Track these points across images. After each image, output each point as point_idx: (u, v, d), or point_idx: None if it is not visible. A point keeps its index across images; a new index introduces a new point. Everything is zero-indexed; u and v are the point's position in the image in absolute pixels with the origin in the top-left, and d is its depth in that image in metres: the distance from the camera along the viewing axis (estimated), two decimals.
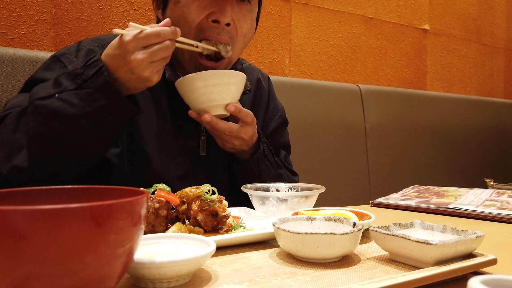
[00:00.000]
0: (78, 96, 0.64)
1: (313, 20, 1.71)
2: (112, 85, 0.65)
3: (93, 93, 0.64)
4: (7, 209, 0.29)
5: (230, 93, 0.76)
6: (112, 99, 0.65)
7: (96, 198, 0.42)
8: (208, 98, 0.75)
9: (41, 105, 0.65)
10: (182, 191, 0.60)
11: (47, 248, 0.30)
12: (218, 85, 0.74)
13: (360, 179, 1.60)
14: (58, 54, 0.81)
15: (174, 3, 0.79)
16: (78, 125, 0.65)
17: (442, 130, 1.91)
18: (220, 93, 0.75)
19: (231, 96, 0.77)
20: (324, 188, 0.75)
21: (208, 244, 0.45)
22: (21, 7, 1.14)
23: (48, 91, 0.66)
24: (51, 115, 0.64)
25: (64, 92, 0.65)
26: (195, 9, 0.77)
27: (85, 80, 0.65)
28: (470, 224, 0.81)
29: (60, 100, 0.64)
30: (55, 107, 0.64)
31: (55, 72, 0.77)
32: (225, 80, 0.75)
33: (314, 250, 0.47)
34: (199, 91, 0.75)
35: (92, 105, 0.65)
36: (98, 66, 0.65)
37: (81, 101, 0.64)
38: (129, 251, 0.35)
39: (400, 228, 0.54)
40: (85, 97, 0.64)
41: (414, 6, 2.03)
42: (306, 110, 1.47)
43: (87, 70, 0.65)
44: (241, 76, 0.78)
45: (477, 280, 0.30)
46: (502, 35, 2.44)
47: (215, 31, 0.78)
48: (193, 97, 0.76)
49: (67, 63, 0.78)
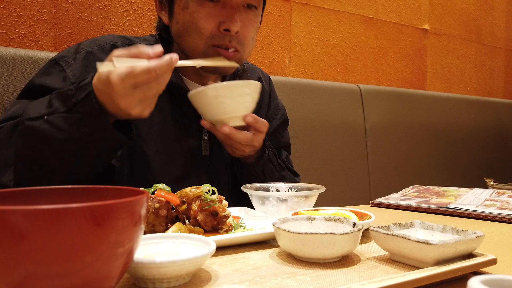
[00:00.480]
0: (66, 121, 0.63)
1: (313, 20, 1.71)
2: (100, 113, 0.62)
3: (81, 118, 0.63)
4: (7, 209, 0.29)
5: (246, 103, 0.76)
6: (99, 127, 0.63)
7: (96, 198, 0.42)
8: (224, 111, 0.74)
9: (30, 126, 0.64)
10: (182, 191, 0.60)
11: (47, 248, 0.30)
12: (234, 97, 0.74)
13: (360, 179, 1.60)
14: (57, 57, 0.81)
15: (182, 8, 0.79)
16: (64, 149, 0.64)
17: (442, 130, 1.91)
18: (237, 105, 0.75)
19: (246, 107, 0.76)
20: (324, 188, 0.75)
21: (208, 244, 0.45)
22: (21, 7, 1.14)
23: (39, 111, 0.65)
24: (38, 137, 0.64)
25: (54, 114, 0.64)
26: (205, 16, 0.77)
27: (74, 103, 0.63)
28: (470, 224, 0.81)
29: (48, 123, 0.63)
30: (42, 130, 0.63)
31: (53, 76, 0.77)
32: (241, 91, 0.74)
33: (314, 250, 0.47)
34: (214, 104, 0.74)
35: (79, 130, 0.63)
36: (87, 91, 0.62)
37: (69, 126, 0.63)
38: (129, 251, 0.35)
39: (400, 228, 0.54)
40: (73, 122, 0.63)
41: (414, 6, 2.03)
42: (306, 110, 1.47)
43: (78, 93, 0.63)
44: (256, 85, 0.77)
45: (477, 280, 0.30)
46: (502, 35, 2.44)
47: (226, 38, 0.78)
48: (208, 109, 0.75)
49: (65, 66, 0.78)
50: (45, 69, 0.80)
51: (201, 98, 0.75)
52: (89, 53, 0.81)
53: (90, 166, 0.69)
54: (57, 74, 0.78)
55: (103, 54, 0.81)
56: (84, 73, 0.78)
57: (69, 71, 0.77)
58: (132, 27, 1.30)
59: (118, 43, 0.84)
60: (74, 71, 0.78)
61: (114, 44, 0.83)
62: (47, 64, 0.81)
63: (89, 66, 0.79)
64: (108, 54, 0.81)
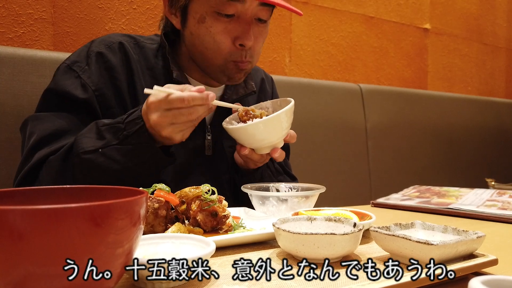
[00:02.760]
0: (120, 152, 0.70)
1: (314, 19, 1.71)
2: (152, 143, 0.70)
3: (134, 149, 0.70)
4: (6, 209, 0.29)
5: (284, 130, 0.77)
6: (151, 156, 0.71)
7: (95, 198, 0.41)
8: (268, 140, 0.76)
9: (87, 159, 0.70)
10: (182, 191, 0.60)
11: (46, 248, 0.30)
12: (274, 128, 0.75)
13: (360, 179, 1.60)
14: (69, 62, 0.82)
15: (198, 21, 0.80)
16: (119, 178, 0.70)
17: (443, 129, 1.90)
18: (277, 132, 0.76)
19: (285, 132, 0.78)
20: (324, 188, 0.74)
21: (208, 244, 0.44)
22: (20, 6, 1.14)
23: (93, 144, 0.71)
24: (97, 169, 0.70)
25: (108, 147, 0.70)
26: (221, 31, 0.79)
27: (126, 136, 0.69)
28: (471, 224, 0.81)
29: (103, 156, 0.70)
30: (100, 162, 0.70)
31: (71, 82, 0.79)
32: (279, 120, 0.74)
33: (315, 251, 0.46)
34: (256, 138, 0.75)
35: (133, 160, 0.70)
36: (140, 125, 0.69)
37: (123, 157, 0.70)
38: (129, 251, 0.35)
39: (400, 229, 0.54)
40: (126, 153, 0.70)
41: (415, 5, 2.02)
42: (306, 109, 1.47)
43: (129, 126, 0.69)
44: (291, 108, 0.76)
45: (478, 281, 0.29)
46: (503, 35, 2.43)
47: (242, 54, 0.81)
48: (248, 142, 0.77)
49: (80, 72, 0.80)
50: (61, 76, 0.81)
51: (240, 134, 0.76)
52: (99, 54, 0.82)
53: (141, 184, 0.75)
54: (74, 80, 0.80)
55: (112, 53, 0.83)
56: (100, 76, 0.81)
57: (86, 78, 0.80)
58: (132, 26, 1.30)
59: (125, 41, 0.86)
60: (91, 76, 0.80)
61: (121, 43, 0.85)
62: (62, 70, 0.82)
63: (102, 67, 0.82)
64: (117, 52, 0.84)
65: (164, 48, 0.86)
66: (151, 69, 0.86)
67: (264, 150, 0.78)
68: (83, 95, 0.78)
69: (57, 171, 0.72)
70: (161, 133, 0.68)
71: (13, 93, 0.97)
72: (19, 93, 0.97)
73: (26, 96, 0.97)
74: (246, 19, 0.79)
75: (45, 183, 0.72)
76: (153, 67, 0.86)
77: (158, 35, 0.92)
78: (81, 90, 0.79)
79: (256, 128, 0.74)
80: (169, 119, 0.67)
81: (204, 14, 0.78)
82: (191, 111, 0.67)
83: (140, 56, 0.86)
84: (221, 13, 0.77)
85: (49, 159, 0.73)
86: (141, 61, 0.86)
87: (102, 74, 0.81)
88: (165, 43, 0.86)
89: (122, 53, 0.84)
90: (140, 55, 0.86)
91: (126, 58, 0.84)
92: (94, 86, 0.79)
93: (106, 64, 0.82)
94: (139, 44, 0.88)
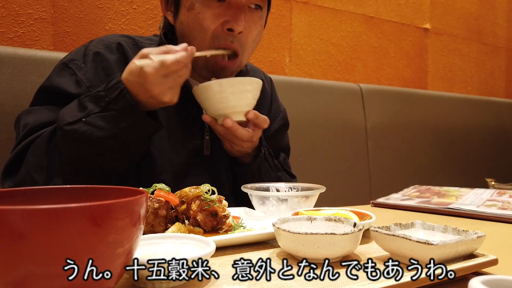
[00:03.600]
0: (104, 119, 0.68)
1: (314, 19, 1.71)
2: (135, 106, 0.68)
3: (118, 115, 0.68)
4: (6, 209, 0.29)
5: (247, 100, 0.78)
6: (135, 120, 0.69)
7: (95, 197, 0.41)
8: (227, 105, 0.77)
9: (70, 130, 0.68)
10: (182, 191, 0.60)
11: (46, 248, 0.30)
12: (236, 93, 0.76)
13: (360, 179, 1.60)
14: (66, 60, 0.82)
15: (188, 9, 0.80)
16: (106, 146, 0.69)
17: (443, 129, 1.90)
18: (239, 100, 0.77)
19: (248, 103, 0.79)
20: (324, 188, 0.74)
21: (208, 244, 0.44)
22: (20, 6, 1.14)
23: (75, 115, 0.69)
24: (81, 139, 0.68)
25: (91, 115, 0.68)
26: (210, 16, 0.78)
27: (108, 102, 0.68)
28: (471, 224, 0.81)
29: (87, 124, 0.68)
30: (83, 131, 0.68)
31: (66, 79, 0.79)
32: (243, 87, 0.77)
33: (315, 251, 0.46)
34: (217, 98, 0.76)
35: (117, 126, 0.68)
36: (120, 89, 0.68)
37: (107, 123, 0.68)
38: (129, 251, 0.35)
39: (400, 228, 0.54)
40: (110, 119, 0.68)
41: (415, 5, 2.02)
42: (306, 109, 1.47)
43: (109, 93, 0.68)
44: (257, 82, 0.79)
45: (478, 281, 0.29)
46: (503, 35, 2.43)
47: (229, 39, 0.80)
48: (211, 104, 0.78)
49: (76, 69, 0.80)
50: (57, 72, 0.81)
51: (205, 92, 0.77)
52: (97, 53, 0.82)
53: (131, 158, 0.75)
54: (69, 77, 0.80)
55: (110, 53, 0.83)
56: (96, 74, 0.80)
57: (81, 75, 0.80)
58: (131, 26, 1.30)
59: (123, 42, 0.85)
60: (87, 74, 0.80)
61: (119, 43, 0.85)
62: (58, 67, 0.82)
63: (99, 66, 0.81)
64: (115, 52, 0.84)
65: None
66: None
67: (234, 116, 0.77)
68: (76, 90, 0.78)
69: (42, 152, 0.71)
70: (163, 100, 0.68)
71: (13, 93, 0.97)
72: (19, 93, 0.98)
73: (26, 96, 0.97)
74: (238, 4, 0.78)
75: (29, 165, 0.71)
76: None
77: (157, 35, 0.92)
78: (75, 86, 0.78)
79: (218, 86, 0.75)
80: (170, 84, 0.67)
81: (194, 1, 0.78)
82: (185, 70, 0.69)
83: None
84: None
85: (35, 141, 0.73)
86: None
87: (98, 72, 0.81)
88: (164, 43, 0.85)
89: (120, 53, 0.84)
90: None
91: (124, 58, 0.84)
92: (89, 82, 0.79)
93: (103, 64, 0.82)
94: (138, 44, 0.87)
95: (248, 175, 0.87)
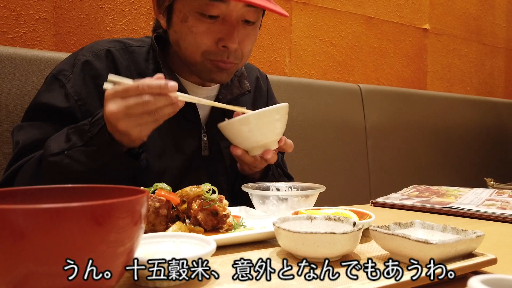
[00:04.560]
0: (84, 153, 0.68)
1: (314, 19, 1.71)
2: (112, 143, 0.68)
3: (97, 150, 0.68)
4: (8, 208, 0.29)
5: (277, 130, 0.77)
6: (113, 157, 0.69)
7: (96, 197, 0.42)
8: (257, 139, 0.76)
9: (53, 161, 0.69)
10: (183, 190, 0.60)
11: (47, 247, 0.30)
12: (265, 125, 0.75)
13: (360, 178, 1.60)
14: (55, 72, 0.82)
15: (181, 21, 0.78)
16: (84, 179, 0.68)
17: (442, 129, 1.91)
18: (268, 132, 0.76)
19: (277, 132, 0.78)
20: (324, 188, 0.75)
21: (208, 243, 0.45)
22: (22, 6, 1.14)
23: (60, 146, 0.70)
24: (62, 171, 0.69)
25: (73, 148, 0.69)
26: (203, 32, 0.77)
27: (90, 137, 0.68)
28: (470, 223, 0.81)
29: (68, 158, 0.69)
30: (65, 164, 0.68)
31: (56, 93, 0.79)
32: (271, 118, 0.75)
33: (314, 250, 0.47)
34: (245, 134, 0.75)
35: (96, 162, 0.69)
36: (100, 125, 0.67)
37: (87, 158, 0.68)
38: (130, 250, 0.35)
39: (400, 228, 0.54)
40: (90, 154, 0.68)
41: (414, 6, 2.03)
42: (306, 109, 1.47)
43: (92, 128, 0.68)
44: (285, 108, 0.77)
45: (477, 280, 0.30)
46: (502, 35, 2.43)
47: (224, 54, 0.79)
48: (240, 140, 0.77)
49: (65, 81, 0.80)
50: (46, 87, 0.81)
51: (232, 129, 0.76)
52: (86, 62, 0.81)
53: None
54: (59, 90, 0.79)
55: (99, 60, 0.82)
56: (84, 85, 0.80)
57: (69, 87, 0.79)
58: (133, 26, 1.30)
59: (113, 48, 0.84)
60: (74, 86, 0.79)
61: (108, 49, 0.83)
62: (48, 81, 0.82)
63: (87, 76, 0.81)
64: (104, 60, 0.83)
65: (155, 51, 0.85)
66: (142, 74, 0.84)
67: (256, 151, 0.77)
68: (65, 104, 0.78)
69: (31, 176, 0.72)
70: (117, 126, 0.64)
71: (14, 93, 0.97)
72: (21, 93, 0.98)
73: (27, 96, 0.98)
74: (231, 21, 0.77)
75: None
76: (143, 71, 0.85)
77: (149, 37, 0.91)
78: (64, 100, 0.78)
79: (246, 123, 0.73)
80: (124, 110, 0.62)
81: (187, 14, 0.77)
82: (147, 101, 0.62)
83: (129, 62, 0.85)
84: (204, 14, 0.75)
85: (23, 167, 0.73)
86: (131, 66, 0.85)
87: (86, 83, 0.80)
88: (155, 47, 0.84)
89: (110, 60, 0.83)
90: (130, 60, 0.85)
91: (114, 65, 0.83)
92: (77, 95, 0.79)
93: (91, 72, 0.81)
94: (129, 49, 0.86)
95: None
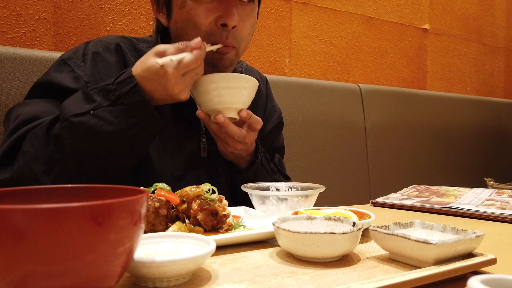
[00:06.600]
0: (113, 113, 0.67)
1: (313, 19, 1.71)
2: (147, 103, 0.68)
3: (128, 110, 0.67)
4: (7, 208, 0.29)
5: (242, 97, 0.77)
6: (145, 116, 0.69)
7: (96, 197, 0.42)
8: (220, 100, 0.76)
9: (78, 121, 0.66)
10: (182, 190, 0.60)
11: (47, 247, 0.30)
12: (231, 89, 0.75)
13: (360, 178, 1.60)
14: (65, 57, 0.82)
15: (180, 7, 0.79)
16: (114, 141, 0.68)
17: (442, 129, 1.91)
18: (233, 97, 0.76)
19: (243, 100, 0.78)
20: (324, 188, 0.75)
21: (208, 243, 0.45)
22: (22, 6, 1.14)
23: (82, 106, 0.68)
24: (88, 132, 0.66)
25: (99, 108, 0.67)
26: (202, 12, 0.77)
27: (118, 96, 0.67)
28: (469, 223, 0.81)
29: (95, 117, 0.67)
30: (92, 124, 0.66)
31: (64, 75, 0.78)
32: (239, 84, 0.76)
33: (314, 250, 0.47)
34: (212, 93, 0.75)
35: (126, 121, 0.67)
36: (132, 84, 0.67)
37: (115, 118, 0.67)
38: (129, 250, 0.35)
39: (400, 228, 0.54)
40: (119, 114, 0.67)
41: (414, 6, 2.03)
42: (306, 109, 1.47)
43: (120, 87, 0.67)
44: (254, 82, 0.79)
45: (477, 280, 0.30)
46: (502, 35, 2.43)
47: (224, 34, 0.79)
48: (205, 99, 0.77)
49: (74, 67, 0.79)
50: (55, 68, 0.81)
51: (199, 86, 0.76)
52: (96, 53, 0.82)
53: (137, 155, 0.74)
54: (67, 73, 0.79)
55: (109, 54, 0.82)
56: (95, 71, 0.80)
57: (80, 71, 0.79)
58: (133, 26, 1.30)
59: (122, 43, 0.85)
60: (86, 71, 0.79)
61: (118, 44, 0.84)
62: (56, 63, 0.81)
63: (98, 66, 0.81)
64: (114, 54, 0.83)
65: None
66: None
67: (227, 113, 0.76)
68: (74, 85, 0.77)
69: (41, 142, 0.68)
70: (181, 98, 0.70)
71: (14, 93, 0.97)
72: (21, 93, 0.98)
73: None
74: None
75: (28, 156, 0.68)
76: None
77: (151, 37, 0.91)
78: (73, 81, 0.77)
79: (215, 81, 0.74)
80: (187, 82, 0.69)
81: None
82: (201, 67, 0.70)
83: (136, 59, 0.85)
84: None
85: (33, 131, 0.70)
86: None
87: (98, 71, 0.80)
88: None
89: (119, 55, 0.84)
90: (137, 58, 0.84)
91: (123, 60, 0.83)
92: (87, 78, 0.78)
93: (102, 63, 0.81)
94: (136, 46, 0.87)
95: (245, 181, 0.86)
